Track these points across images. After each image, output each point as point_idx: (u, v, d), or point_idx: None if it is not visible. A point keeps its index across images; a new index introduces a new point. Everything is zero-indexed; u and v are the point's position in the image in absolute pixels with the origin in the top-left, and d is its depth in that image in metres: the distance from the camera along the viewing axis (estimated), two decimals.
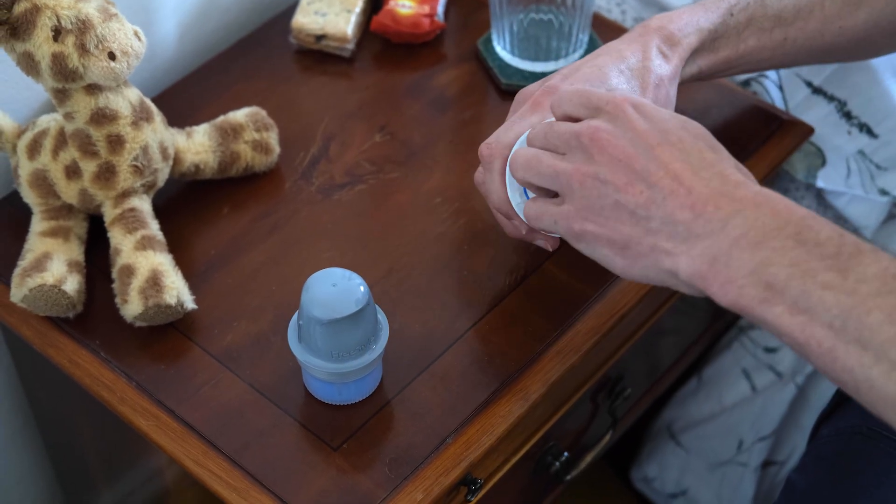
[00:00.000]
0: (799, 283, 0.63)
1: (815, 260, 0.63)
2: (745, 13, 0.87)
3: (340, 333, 0.76)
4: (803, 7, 0.88)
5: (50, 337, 0.86)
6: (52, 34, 0.80)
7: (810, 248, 0.63)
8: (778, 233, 0.64)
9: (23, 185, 0.90)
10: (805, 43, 0.89)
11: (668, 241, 0.67)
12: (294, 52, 1.06)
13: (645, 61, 0.84)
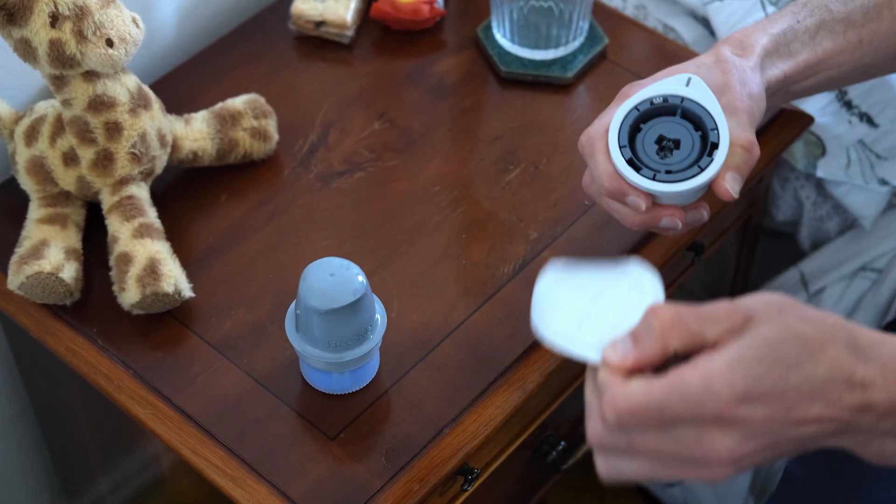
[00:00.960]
0: None
1: None
2: (812, 18, 0.86)
3: (338, 323, 0.76)
4: (871, 9, 0.86)
5: (47, 324, 0.86)
6: (50, 20, 0.79)
7: None
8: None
9: (20, 172, 0.89)
10: (882, 44, 0.87)
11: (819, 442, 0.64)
12: (293, 38, 1.05)
13: (720, 59, 0.80)
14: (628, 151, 0.76)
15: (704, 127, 0.76)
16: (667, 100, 0.76)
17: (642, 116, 0.76)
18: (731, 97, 0.78)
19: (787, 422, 0.63)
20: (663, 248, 0.90)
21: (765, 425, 0.62)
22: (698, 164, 0.75)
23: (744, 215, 1.06)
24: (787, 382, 0.63)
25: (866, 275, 1.10)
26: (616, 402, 0.61)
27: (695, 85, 0.76)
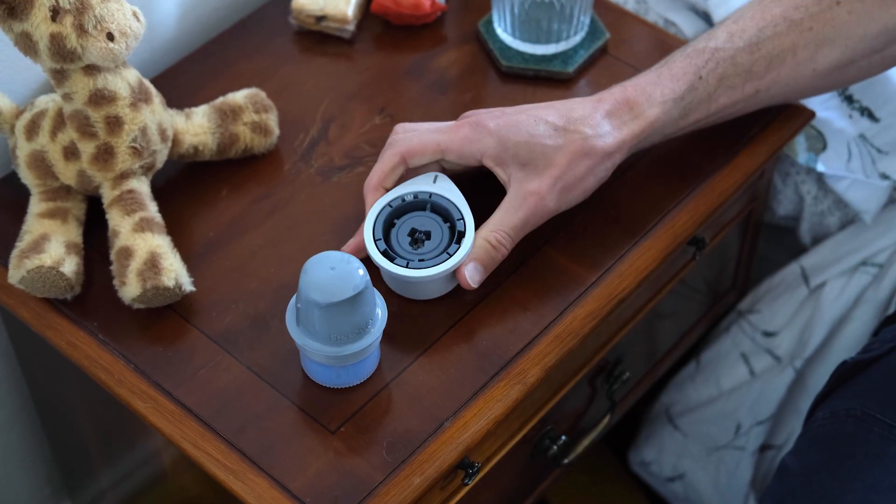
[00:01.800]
0: None
1: None
2: (714, 74, 0.86)
3: (338, 317, 0.76)
4: (775, 57, 0.87)
5: (48, 319, 0.86)
6: (50, 14, 0.79)
7: None
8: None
9: (21, 166, 0.90)
10: (779, 91, 0.89)
11: None
12: (294, 32, 1.05)
13: (585, 125, 0.84)
14: (383, 244, 0.83)
15: (452, 218, 0.84)
16: (417, 196, 0.85)
17: (396, 212, 0.85)
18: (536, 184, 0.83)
19: None
20: (664, 243, 0.90)
21: None
22: (447, 251, 0.83)
23: (745, 210, 1.06)
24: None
25: (867, 269, 1.10)
26: None
27: (441, 181, 0.85)
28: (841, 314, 1.12)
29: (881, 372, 0.88)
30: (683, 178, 0.94)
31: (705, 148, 0.95)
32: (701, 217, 0.92)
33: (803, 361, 1.16)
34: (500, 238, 0.82)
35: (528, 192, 0.82)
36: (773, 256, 1.22)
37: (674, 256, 0.93)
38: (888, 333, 0.92)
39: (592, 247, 0.89)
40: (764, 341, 1.18)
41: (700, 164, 0.94)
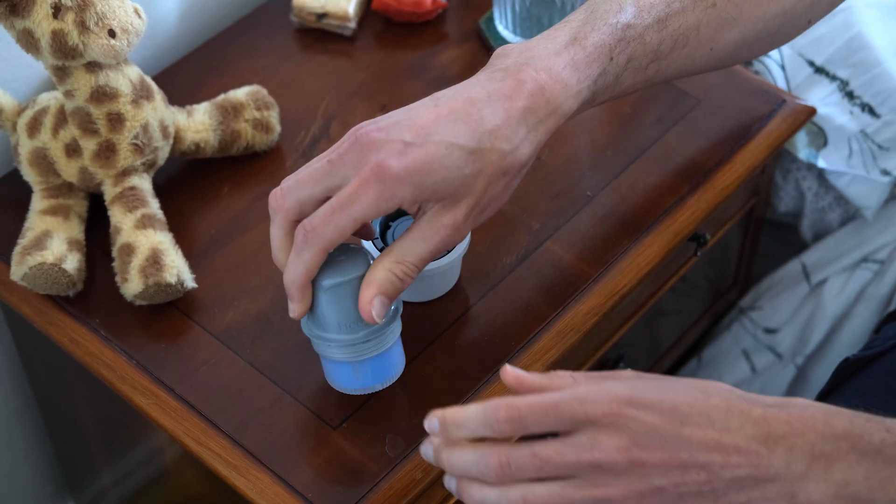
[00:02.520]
0: (882, 493, 0.65)
1: (885, 468, 0.65)
2: (624, 54, 0.79)
3: (346, 299, 0.75)
4: (680, 36, 0.81)
5: (50, 315, 0.86)
6: (52, 11, 0.80)
7: (873, 457, 0.65)
8: (836, 453, 0.65)
9: (23, 164, 0.90)
10: (674, 70, 0.83)
11: (739, 494, 0.66)
12: (295, 30, 1.05)
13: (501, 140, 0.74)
14: (380, 242, 0.83)
15: None
16: None
17: (391, 215, 0.84)
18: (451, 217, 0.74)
19: (682, 437, 0.65)
20: (665, 239, 0.90)
21: (656, 432, 0.65)
22: None
23: (746, 206, 1.06)
24: (677, 398, 0.66)
25: (868, 266, 1.10)
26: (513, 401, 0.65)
27: None
28: (842, 311, 1.12)
29: (883, 369, 0.88)
30: (684, 174, 0.94)
31: (706, 144, 0.96)
32: (702, 213, 0.92)
33: (804, 358, 1.16)
34: (406, 270, 0.74)
35: (442, 224, 0.74)
36: (775, 253, 1.22)
37: (675, 253, 0.93)
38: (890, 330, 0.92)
39: (594, 243, 0.89)
40: (765, 338, 1.18)
41: (701, 160, 0.95)
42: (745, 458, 0.66)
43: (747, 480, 0.66)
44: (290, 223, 0.74)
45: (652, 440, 0.65)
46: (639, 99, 0.99)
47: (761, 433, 0.66)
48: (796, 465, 0.65)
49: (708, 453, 0.66)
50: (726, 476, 0.66)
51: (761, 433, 0.66)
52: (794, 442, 0.66)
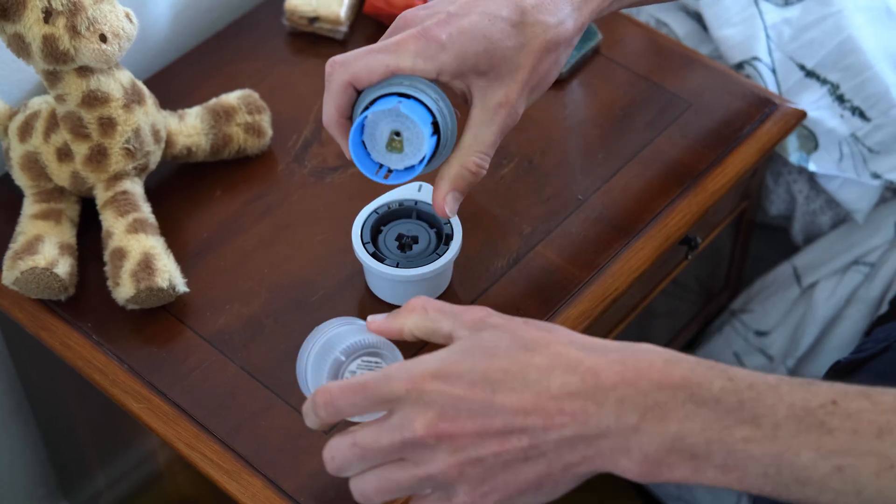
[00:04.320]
0: (720, 446, 0.62)
1: (723, 416, 0.62)
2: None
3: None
4: None
5: (42, 319, 0.86)
6: (43, 16, 0.80)
7: (712, 406, 0.62)
8: (672, 402, 0.62)
9: (14, 168, 0.90)
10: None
11: (574, 453, 0.64)
12: (287, 34, 1.05)
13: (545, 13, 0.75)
14: (371, 247, 0.84)
15: (438, 224, 0.85)
16: (402, 204, 0.86)
17: (382, 219, 0.85)
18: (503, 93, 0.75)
19: (494, 405, 0.63)
20: (656, 242, 0.90)
21: (463, 402, 0.63)
22: (436, 252, 0.84)
23: (737, 209, 1.07)
24: (491, 364, 0.64)
25: (859, 269, 1.10)
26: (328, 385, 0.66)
27: (425, 189, 0.85)
28: (833, 313, 1.12)
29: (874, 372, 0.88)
30: (675, 177, 0.94)
31: (697, 147, 0.96)
32: (693, 216, 0.92)
33: (795, 360, 1.16)
34: (478, 161, 0.75)
35: (497, 104, 0.74)
36: (766, 256, 1.23)
37: (666, 256, 0.93)
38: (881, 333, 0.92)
39: (585, 246, 0.90)
40: (756, 340, 1.18)
41: (692, 163, 0.95)
42: (570, 417, 0.63)
43: (577, 439, 0.63)
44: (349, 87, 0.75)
45: (459, 412, 0.63)
46: (630, 102, 0.99)
47: (589, 387, 0.63)
48: (628, 418, 0.62)
49: (526, 417, 0.63)
50: (552, 438, 0.63)
51: (589, 387, 0.63)
52: (626, 393, 0.63)
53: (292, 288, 0.86)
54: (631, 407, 0.62)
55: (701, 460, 0.62)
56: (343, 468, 0.66)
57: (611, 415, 0.62)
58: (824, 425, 0.61)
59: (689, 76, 1.01)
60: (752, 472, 0.62)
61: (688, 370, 0.63)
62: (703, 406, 0.62)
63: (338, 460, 0.66)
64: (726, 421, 0.62)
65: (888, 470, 0.60)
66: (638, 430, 0.62)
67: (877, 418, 0.60)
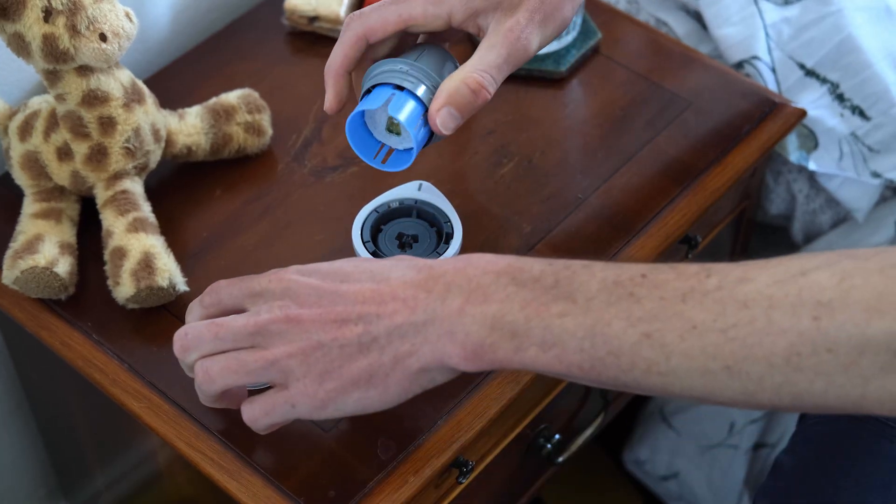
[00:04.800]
0: (538, 322, 0.64)
1: (541, 294, 0.65)
2: None
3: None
4: None
5: (42, 319, 0.86)
6: (43, 15, 0.80)
7: (531, 286, 0.65)
8: (495, 285, 0.66)
9: (14, 167, 0.90)
10: None
11: (403, 343, 0.67)
12: (287, 33, 1.05)
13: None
14: (372, 246, 0.84)
15: (438, 223, 0.85)
16: (402, 203, 0.85)
17: (382, 218, 0.85)
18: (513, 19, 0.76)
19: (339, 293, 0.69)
20: (656, 241, 0.90)
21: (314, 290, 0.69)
22: (437, 250, 0.84)
23: (737, 208, 1.07)
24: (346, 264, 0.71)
25: None
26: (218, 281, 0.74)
27: (425, 188, 0.86)
28: None
29: None
30: (675, 176, 0.94)
31: (697, 146, 0.96)
32: (693, 215, 0.92)
33: None
34: (480, 79, 0.74)
35: (506, 28, 0.75)
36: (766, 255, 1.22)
37: (666, 255, 0.93)
38: None
39: (585, 246, 0.90)
40: None
41: (692, 162, 0.95)
42: (402, 303, 0.67)
43: (407, 326, 0.67)
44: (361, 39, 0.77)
45: (309, 298, 0.69)
46: (629, 102, 0.99)
47: (422, 277, 0.68)
48: (453, 301, 0.66)
49: (363, 305, 0.68)
50: (384, 325, 0.67)
51: (422, 277, 0.68)
52: (454, 280, 0.67)
53: None
54: (457, 291, 0.66)
55: (521, 338, 0.65)
56: (192, 345, 0.71)
57: (438, 299, 0.66)
58: (633, 295, 0.63)
59: (688, 75, 1.01)
60: (570, 348, 0.64)
61: (512, 259, 0.67)
62: (523, 287, 0.65)
63: (191, 336, 0.71)
64: (543, 298, 0.65)
65: (691, 331, 0.62)
66: (462, 312, 0.66)
67: (681, 285, 0.63)
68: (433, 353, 0.67)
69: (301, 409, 0.70)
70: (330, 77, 0.78)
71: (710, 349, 0.61)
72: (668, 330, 0.62)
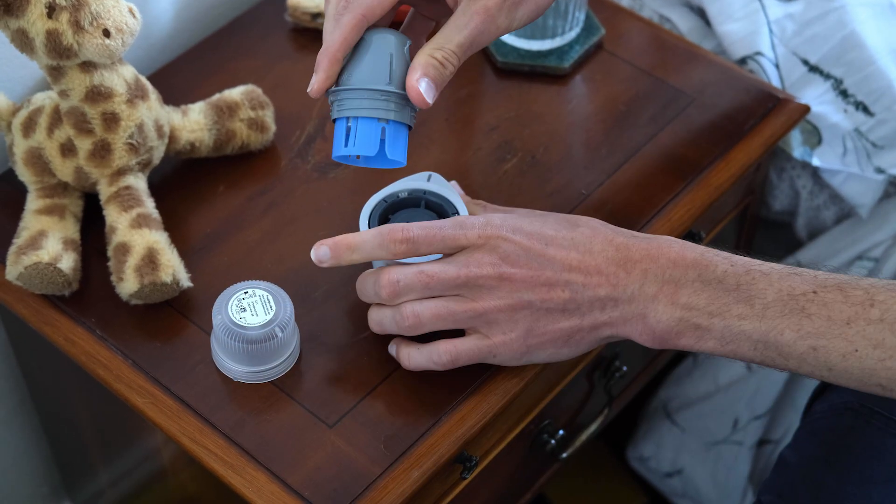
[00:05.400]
0: (719, 319, 0.74)
1: (724, 295, 0.74)
2: None
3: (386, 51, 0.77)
4: None
5: (46, 315, 0.86)
6: (46, 11, 0.80)
7: (715, 286, 0.75)
8: (684, 279, 0.75)
9: (18, 164, 0.90)
10: None
11: (603, 314, 0.77)
12: (290, 30, 1.05)
13: None
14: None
15: (447, 214, 0.84)
16: (411, 193, 0.85)
17: (390, 208, 0.85)
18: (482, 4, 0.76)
19: (546, 256, 0.76)
20: None
21: (522, 251, 0.76)
22: None
23: (741, 204, 1.07)
24: (545, 226, 0.78)
25: (863, 264, 1.10)
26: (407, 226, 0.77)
27: (434, 179, 0.86)
28: None
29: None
30: (679, 172, 0.94)
31: (700, 142, 0.96)
32: (696, 211, 0.92)
33: None
34: (446, 55, 0.76)
35: (475, 9, 0.76)
36: (769, 251, 1.22)
37: None
38: None
39: None
40: None
41: (695, 158, 0.95)
42: (605, 278, 0.76)
43: (607, 300, 0.76)
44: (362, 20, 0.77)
45: (519, 258, 0.76)
46: (633, 98, 0.99)
47: (621, 257, 0.76)
48: (649, 287, 0.75)
49: (570, 273, 0.76)
50: (588, 295, 0.76)
51: (621, 257, 0.76)
52: (649, 266, 0.76)
53: (295, 283, 0.86)
54: (652, 278, 0.75)
55: (703, 331, 0.75)
56: (403, 292, 0.78)
57: (636, 282, 0.76)
58: (804, 310, 0.73)
59: (692, 71, 1.01)
60: (745, 346, 0.74)
61: (699, 253, 0.76)
62: (709, 285, 0.75)
63: (402, 283, 0.77)
64: (725, 299, 0.74)
65: (853, 354, 0.72)
66: (656, 299, 0.75)
67: (847, 309, 0.72)
68: (625, 326, 0.76)
69: (501, 358, 0.79)
70: (325, 60, 0.78)
71: (868, 371, 0.72)
72: (833, 348, 0.72)
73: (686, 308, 0.75)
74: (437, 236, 0.77)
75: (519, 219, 0.78)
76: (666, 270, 0.75)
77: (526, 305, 0.76)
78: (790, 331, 0.73)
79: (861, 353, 0.72)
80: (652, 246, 0.76)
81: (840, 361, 0.72)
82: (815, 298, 0.73)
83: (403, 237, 0.77)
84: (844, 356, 0.72)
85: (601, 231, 0.78)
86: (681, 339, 0.76)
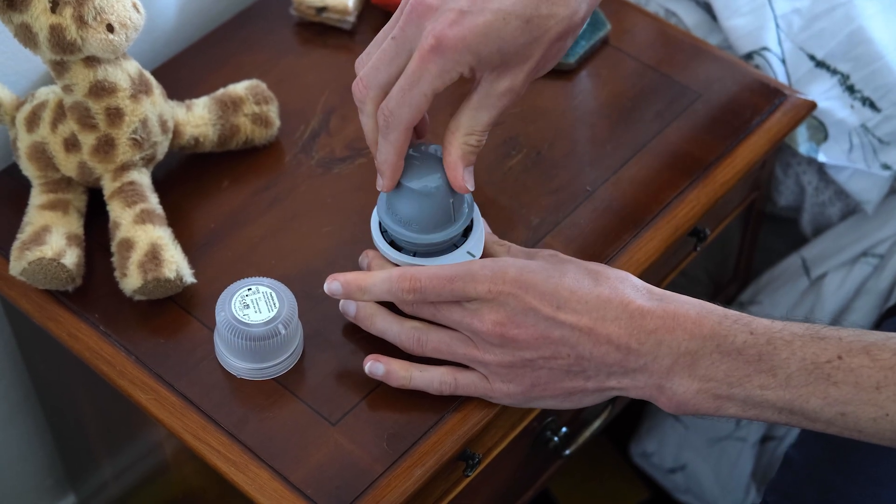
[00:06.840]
0: (740, 390, 0.72)
1: (744, 366, 0.72)
2: None
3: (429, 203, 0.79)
4: None
5: (49, 310, 0.86)
6: (50, 5, 0.79)
7: (734, 356, 0.72)
8: (702, 351, 0.73)
9: (22, 158, 0.89)
10: None
11: (610, 380, 0.75)
12: (295, 24, 1.05)
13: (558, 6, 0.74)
14: (389, 235, 0.82)
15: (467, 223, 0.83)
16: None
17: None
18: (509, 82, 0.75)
19: (556, 319, 0.74)
20: (665, 234, 0.90)
21: (532, 311, 0.74)
22: (454, 243, 0.82)
23: (746, 200, 1.06)
24: (562, 283, 0.75)
25: (868, 260, 1.10)
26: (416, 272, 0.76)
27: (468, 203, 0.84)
28: (842, 305, 1.12)
29: None
30: (684, 169, 0.94)
31: (706, 138, 0.95)
32: (702, 208, 0.92)
33: None
34: (479, 139, 0.78)
35: (502, 91, 0.75)
36: (774, 247, 1.22)
37: (675, 247, 0.93)
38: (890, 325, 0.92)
39: (593, 238, 0.89)
40: None
41: (701, 154, 0.94)
42: (615, 349, 0.74)
43: (617, 368, 0.74)
44: (377, 108, 0.77)
45: (526, 318, 0.74)
46: (638, 93, 0.99)
47: (635, 326, 0.73)
48: (663, 360, 0.73)
49: (580, 336, 0.74)
50: (595, 362, 0.74)
51: (635, 326, 0.73)
52: (664, 338, 0.73)
53: (299, 279, 0.86)
54: (667, 351, 0.73)
55: (723, 400, 0.73)
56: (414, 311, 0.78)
57: (648, 354, 0.73)
58: (830, 378, 0.70)
59: (698, 67, 1.01)
60: (768, 412, 0.73)
61: (716, 323, 0.73)
62: (727, 356, 0.72)
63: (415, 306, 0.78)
64: (746, 370, 0.72)
65: (884, 418, 0.70)
66: (670, 372, 0.73)
67: (875, 374, 0.70)
68: (638, 394, 0.75)
69: (497, 401, 0.79)
70: (388, 169, 0.79)
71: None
72: (862, 413, 0.70)
73: (704, 380, 0.73)
74: (445, 287, 0.76)
75: (535, 272, 0.75)
76: (682, 343, 0.73)
77: (528, 364, 0.75)
78: (816, 398, 0.71)
79: (893, 417, 0.70)
80: (668, 314, 0.74)
81: (871, 425, 0.71)
82: (841, 365, 0.71)
83: (411, 287, 0.77)
84: (875, 420, 0.70)
85: (620, 292, 0.75)
86: (699, 407, 0.74)
